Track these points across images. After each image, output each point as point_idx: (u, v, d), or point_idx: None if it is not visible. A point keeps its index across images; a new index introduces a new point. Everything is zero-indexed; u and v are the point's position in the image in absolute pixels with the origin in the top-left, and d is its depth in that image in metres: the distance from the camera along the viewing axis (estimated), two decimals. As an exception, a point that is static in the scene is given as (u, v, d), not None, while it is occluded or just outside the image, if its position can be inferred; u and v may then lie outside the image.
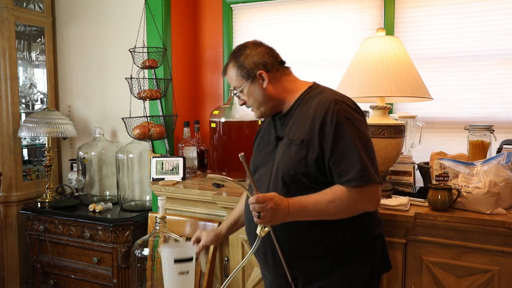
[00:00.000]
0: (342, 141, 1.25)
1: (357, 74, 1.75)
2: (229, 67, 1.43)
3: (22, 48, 3.11)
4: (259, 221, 1.24)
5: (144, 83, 2.40)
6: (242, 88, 1.41)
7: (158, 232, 1.65)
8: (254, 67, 1.38)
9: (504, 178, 1.59)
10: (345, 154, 1.25)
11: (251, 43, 1.44)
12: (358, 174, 1.23)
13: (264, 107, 1.42)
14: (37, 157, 3.19)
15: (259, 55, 1.39)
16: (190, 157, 2.42)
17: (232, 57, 1.42)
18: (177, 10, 2.57)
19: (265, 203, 1.21)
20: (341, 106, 1.29)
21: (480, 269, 1.54)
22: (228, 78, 1.45)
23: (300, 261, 1.35)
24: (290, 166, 1.31)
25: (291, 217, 1.26)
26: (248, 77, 1.38)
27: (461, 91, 2.16)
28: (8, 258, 2.78)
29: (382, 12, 2.27)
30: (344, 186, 1.25)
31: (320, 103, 1.31)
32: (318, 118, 1.28)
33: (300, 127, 1.33)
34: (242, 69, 1.39)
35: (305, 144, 1.29)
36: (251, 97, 1.41)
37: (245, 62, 1.39)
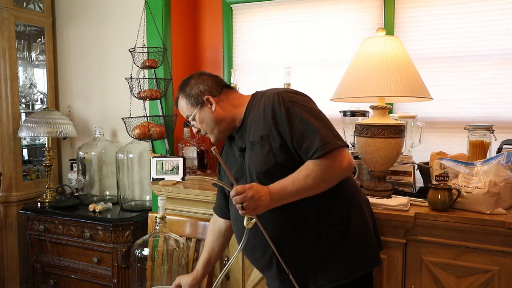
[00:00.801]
0: (296, 121, 1.32)
1: (357, 74, 1.75)
2: (179, 99, 1.53)
3: (22, 48, 3.11)
4: (244, 212, 1.27)
5: (144, 83, 2.40)
6: (193, 116, 1.49)
7: (158, 232, 1.66)
8: (200, 94, 1.47)
9: (504, 178, 1.59)
10: (303, 132, 1.31)
11: (196, 74, 1.55)
12: (320, 144, 1.28)
13: (217, 129, 1.49)
14: (37, 157, 3.19)
15: (203, 82, 1.49)
16: (190, 157, 2.42)
17: (180, 90, 1.53)
18: (177, 10, 2.57)
19: (245, 192, 1.25)
20: (284, 95, 1.37)
21: (480, 269, 1.54)
22: (180, 109, 1.54)
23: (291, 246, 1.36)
24: (261, 163, 1.36)
25: (275, 202, 1.29)
26: (196, 104, 1.48)
27: (461, 91, 2.16)
28: (8, 258, 2.78)
29: (382, 12, 2.27)
30: (313, 159, 1.30)
31: (266, 100, 1.39)
32: (268, 111, 1.36)
33: (256, 128, 1.39)
34: (190, 98, 1.49)
35: (265, 138, 1.36)
36: (204, 122, 1.49)
37: (191, 91, 1.49)
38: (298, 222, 1.36)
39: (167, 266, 1.69)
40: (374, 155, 1.71)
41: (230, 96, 1.51)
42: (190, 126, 1.57)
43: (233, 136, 1.52)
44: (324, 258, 1.36)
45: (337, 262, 1.37)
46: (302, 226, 1.36)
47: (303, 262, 1.38)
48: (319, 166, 1.29)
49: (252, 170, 1.38)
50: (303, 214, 1.35)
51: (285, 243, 1.37)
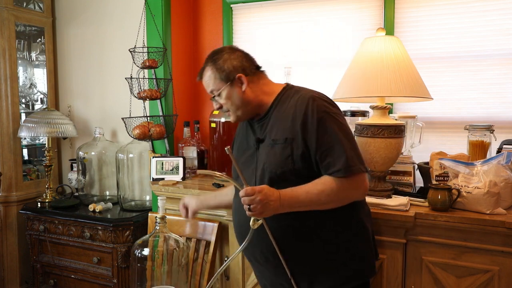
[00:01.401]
0: (326, 134, 1.29)
1: (357, 74, 1.75)
2: (206, 70, 1.44)
3: (22, 48, 3.11)
4: (250, 213, 1.26)
5: (144, 83, 2.40)
6: (220, 92, 1.41)
7: (158, 232, 1.66)
8: (233, 71, 1.39)
9: (504, 178, 1.59)
10: (330, 147, 1.29)
11: (228, 47, 1.47)
12: (344, 165, 1.27)
13: (241, 111, 1.43)
14: (37, 157, 3.19)
15: (237, 59, 1.42)
16: (190, 157, 2.42)
17: (210, 61, 1.43)
18: (177, 10, 2.57)
19: (254, 195, 1.23)
20: (319, 102, 1.33)
21: (480, 269, 1.54)
22: (204, 81, 1.46)
23: (296, 252, 1.36)
24: (277, 165, 1.33)
25: (284, 208, 1.28)
26: (227, 80, 1.40)
27: (461, 91, 2.16)
28: (8, 258, 2.78)
29: (382, 12, 2.27)
30: (333, 176, 1.29)
31: (299, 101, 1.35)
32: (299, 116, 1.32)
33: (282, 127, 1.36)
34: (221, 72, 1.40)
35: (289, 141, 1.32)
36: (229, 100, 1.42)
37: (224, 65, 1.40)
38: (309, 231, 1.35)
39: (167, 266, 1.69)
40: (374, 155, 1.71)
41: (262, 80, 1.45)
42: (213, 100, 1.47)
43: (253, 122, 1.48)
44: (324, 265, 1.37)
45: (336, 269, 1.37)
46: (314, 236, 1.35)
47: (302, 268, 1.37)
48: (337, 186, 1.28)
49: (266, 168, 1.36)
50: (315, 223, 1.34)
51: (287, 249, 1.36)
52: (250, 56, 1.47)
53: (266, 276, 1.48)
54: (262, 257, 1.42)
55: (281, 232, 1.35)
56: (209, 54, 1.46)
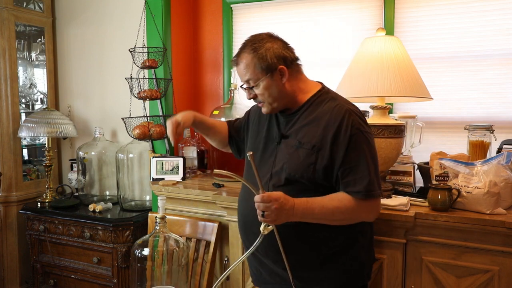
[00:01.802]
0: (355, 152, 1.28)
1: (357, 74, 1.75)
2: (244, 57, 1.35)
3: (22, 48, 3.11)
4: (263, 219, 1.24)
5: (144, 83, 2.40)
6: (258, 82, 1.34)
7: (158, 232, 1.65)
8: (276, 61, 1.32)
9: (504, 178, 1.59)
10: (355, 166, 1.28)
11: (267, 35, 1.38)
12: (366, 188, 1.27)
13: (277, 103, 1.37)
14: (37, 157, 3.19)
15: (280, 48, 1.34)
16: (190, 157, 2.42)
17: (251, 49, 1.33)
18: (177, 10, 2.57)
19: (270, 203, 1.21)
20: (354, 118, 1.30)
21: (480, 269, 1.54)
22: (241, 69, 1.37)
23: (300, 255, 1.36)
24: (298, 169, 1.31)
25: (296, 217, 1.27)
26: (268, 70, 1.32)
27: (461, 91, 2.16)
28: (8, 258, 2.78)
29: (382, 12, 2.27)
30: (352, 195, 1.28)
31: (334, 110, 1.31)
32: (332, 126, 1.29)
33: (311, 131, 1.32)
34: (262, 62, 1.31)
35: (316, 150, 1.30)
36: (267, 91, 1.35)
37: (266, 54, 1.31)
38: (319, 242, 1.35)
39: (167, 266, 1.68)
40: (374, 155, 1.70)
41: (298, 75, 1.39)
42: (245, 88, 1.39)
43: (279, 114, 1.43)
44: (323, 267, 1.37)
45: (335, 273, 1.38)
46: (322, 247, 1.36)
47: (303, 271, 1.38)
48: (353, 206, 1.28)
49: (285, 168, 1.34)
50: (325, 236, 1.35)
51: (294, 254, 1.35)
52: (289, 45, 1.40)
53: (263, 264, 1.47)
54: (263, 250, 1.42)
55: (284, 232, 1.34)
56: (248, 40, 1.37)
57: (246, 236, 1.48)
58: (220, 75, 2.70)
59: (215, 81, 2.72)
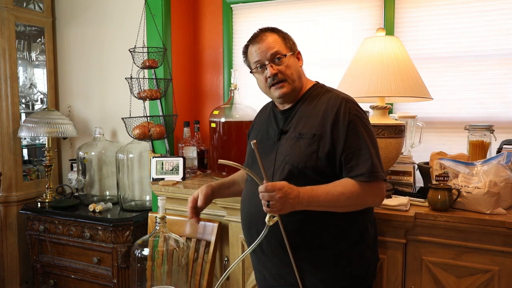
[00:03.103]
0: (354, 136, 1.30)
1: (357, 74, 1.75)
2: (268, 35, 1.42)
3: (22, 48, 3.11)
4: (269, 210, 1.24)
5: (144, 83, 2.40)
6: (287, 56, 1.41)
7: (158, 232, 1.66)
8: (295, 45, 1.47)
9: (504, 178, 1.59)
10: (357, 150, 1.30)
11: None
12: (369, 170, 1.28)
13: (296, 83, 1.42)
14: (37, 157, 3.19)
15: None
16: (190, 157, 2.42)
17: (273, 30, 1.45)
18: (177, 10, 2.57)
19: (274, 192, 1.21)
20: (351, 105, 1.35)
21: (480, 269, 1.54)
22: (269, 42, 1.40)
23: (306, 251, 1.36)
24: (300, 159, 1.33)
25: (302, 206, 1.27)
26: (291, 49, 1.44)
27: (461, 91, 2.16)
28: (8, 258, 2.78)
29: (382, 12, 2.27)
30: (355, 180, 1.29)
31: (331, 100, 1.37)
32: (330, 114, 1.33)
33: (310, 122, 1.36)
34: (287, 41, 1.44)
35: (316, 138, 1.33)
36: (291, 68, 1.41)
37: (289, 37, 1.46)
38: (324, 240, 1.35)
39: (167, 266, 1.68)
40: (374, 155, 1.70)
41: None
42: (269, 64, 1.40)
43: (277, 113, 1.48)
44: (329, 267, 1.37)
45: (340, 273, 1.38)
46: (327, 246, 1.35)
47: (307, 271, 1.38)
48: (358, 190, 1.28)
49: (288, 160, 1.35)
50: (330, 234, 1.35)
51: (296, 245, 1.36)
52: None
53: (267, 267, 1.47)
54: (268, 248, 1.41)
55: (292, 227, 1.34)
56: (265, 27, 1.46)
57: (251, 235, 1.47)
58: (220, 75, 2.70)
59: (215, 81, 2.72)
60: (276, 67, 1.39)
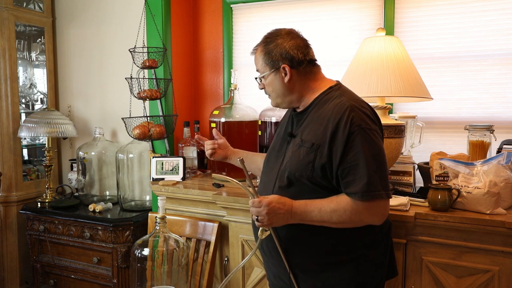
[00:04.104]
0: (352, 151, 1.22)
1: (357, 74, 1.75)
2: (257, 50, 1.42)
3: (22, 48, 3.11)
4: (259, 224, 1.27)
5: (144, 83, 2.40)
6: (264, 75, 1.40)
7: (158, 232, 1.66)
8: (280, 59, 1.35)
9: (504, 178, 1.59)
10: (353, 166, 1.22)
11: (286, 32, 1.40)
12: (363, 189, 1.21)
13: (280, 99, 1.41)
14: (37, 157, 3.19)
15: (288, 47, 1.35)
16: (190, 157, 2.42)
17: (263, 42, 1.40)
18: (177, 10, 2.57)
19: (261, 208, 1.24)
20: (356, 114, 1.25)
21: (480, 269, 1.54)
22: (254, 60, 1.44)
23: (299, 260, 1.36)
24: (297, 168, 1.30)
25: (295, 220, 1.27)
26: (272, 66, 1.37)
27: (461, 91, 2.16)
28: (8, 258, 2.78)
29: (382, 12, 2.27)
30: (350, 197, 1.24)
31: (336, 107, 1.28)
32: (332, 124, 1.26)
33: (313, 130, 1.31)
34: (268, 57, 1.37)
35: (315, 148, 1.27)
36: (270, 86, 1.40)
37: (272, 51, 1.36)
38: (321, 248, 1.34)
39: (167, 266, 1.69)
40: (374, 155, 1.70)
41: (310, 75, 1.39)
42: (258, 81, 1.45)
43: (294, 114, 1.44)
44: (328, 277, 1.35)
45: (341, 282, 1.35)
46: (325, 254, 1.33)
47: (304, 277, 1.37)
48: (351, 208, 1.23)
49: (287, 167, 1.33)
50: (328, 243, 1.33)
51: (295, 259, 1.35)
52: (307, 46, 1.40)
53: (270, 267, 1.48)
54: (267, 249, 1.42)
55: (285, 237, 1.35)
56: (267, 33, 1.42)
57: (255, 239, 1.50)
58: (220, 75, 2.70)
59: (215, 81, 2.72)
60: (260, 83, 1.44)
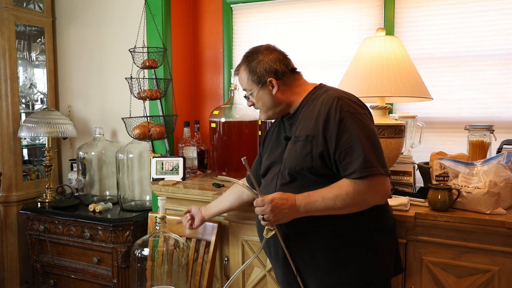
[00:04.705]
0: (346, 134, 1.27)
1: (357, 74, 1.75)
2: (240, 69, 1.47)
3: (22, 48, 3.11)
4: (265, 223, 1.28)
5: (144, 83, 2.40)
6: (252, 92, 1.45)
7: (158, 232, 1.66)
8: (265, 74, 1.41)
9: (504, 178, 1.59)
10: (349, 147, 1.26)
11: (264, 48, 1.46)
12: (360, 166, 1.24)
13: (271, 111, 1.46)
14: (37, 157, 3.19)
15: (271, 61, 1.42)
16: (190, 157, 2.42)
17: (245, 61, 1.46)
18: (177, 10, 2.57)
19: (265, 206, 1.25)
20: (344, 102, 1.31)
21: (480, 269, 1.54)
22: (239, 80, 1.49)
23: (305, 259, 1.36)
24: (296, 162, 1.33)
25: (300, 213, 1.28)
26: (258, 82, 1.42)
27: (461, 91, 2.16)
28: (8, 258, 2.78)
29: (382, 12, 2.27)
30: (349, 179, 1.26)
31: (324, 100, 1.34)
32: (322, 114, 1.31)
33: (305, 124, 1.36)
34: (253, 74, 1.42)
35: (310, 139, 1.32)
36: (260, 101, 1.45)
37: (256, 67, 1.42)
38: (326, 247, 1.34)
39: (167, 266, 1.69)
40: (374, 155, 1.70)
41: (294, 82, 1.45)
42: (245, 97, 1.52)
43: (284, 120, 1.49)
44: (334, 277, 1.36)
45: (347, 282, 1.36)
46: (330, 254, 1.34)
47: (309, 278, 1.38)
48: (353, 189, 1.25)
49: (287, 164, 1.36)
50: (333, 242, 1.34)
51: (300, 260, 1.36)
52: (286, 57, 1.46)
53: (277, 273, 1.49)
54: (273, 251, 1.43)
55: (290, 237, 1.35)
56: (246, 52, 1.48)
57: (260, 239, 1.51)
58: (220, 75, 2.70)
59: (215, 81, 2.72)
60: (250, 100, 1.49)
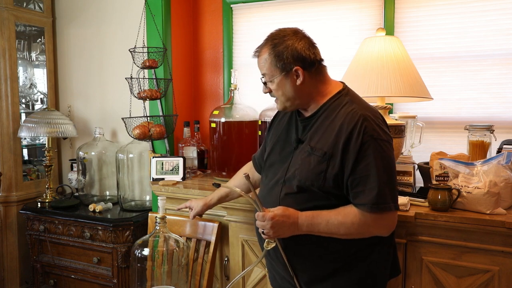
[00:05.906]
0: (364, 162, 1.21)
1: (357, 74, 1.76)
2: (262, 51, 1.34)
3: (22, 48, 3.11)
4: (265, 237, 1.28)
5: (144, 83, 2.40)
6: (273, 79, 1.32)
7: (158, 232, 1.66)
8: (292, 62, 1.28)
9: (504, 178, 1.59)
10: (364, 176, 1.21)
11: (292, 32, 1.32)
12: (373, 200, 1.20)
13: (290, 103, 1.35)
14: (37, 157, 3.19)
15: (300, 49, 1.29)
16: (190, 157, 2.42)
17: (270, 44, 1.31)
18: (177, 10, 2.57)
19: (265, 222, 1.24)
20: (368, 124, 1.23)
21: (480, 269, 1.54)
22: (259, 63, 1.36)
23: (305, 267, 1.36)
24: (308, 177, 1.28)
25: (301, 231, 1.27)
26: (282, 69, 1.29)
27: (461, 91, 2.16)
28: (8, 258, 2.78)
29: (382, 12, 2.27)
30: (358, 208, 1.24)
31: (348, 115, 1.26)
32: (344, 133, 1.23)
33: (324, 137, 1.28)
34: (278, 60, 1.29)
35: (327, 157, 1.25)
36: (280, 90, 1.33)
37: (284, 52, 1.28)
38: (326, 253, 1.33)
39: (167, 266, 1.69)
40: (374, 155, 1.70)
41: (320, 76, 1.34)
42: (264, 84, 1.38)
43: (298, 118, 1.40)
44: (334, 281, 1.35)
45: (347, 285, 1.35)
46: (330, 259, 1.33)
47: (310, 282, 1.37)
48: (359, 220, 1.22)
49: (297, 175, 1.31)
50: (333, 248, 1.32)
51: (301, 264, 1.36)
52: (314, 46, 1.34)
53: (276, 270, 1.48)
54: (273, 254, 1.42)
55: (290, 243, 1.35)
56: (272, 33, 1.34)
57: (261, 248, 1.50)
58: (220, 75, 2.70)
59: (215, 81, 2.72)
60: (267, 87, 1.37)
